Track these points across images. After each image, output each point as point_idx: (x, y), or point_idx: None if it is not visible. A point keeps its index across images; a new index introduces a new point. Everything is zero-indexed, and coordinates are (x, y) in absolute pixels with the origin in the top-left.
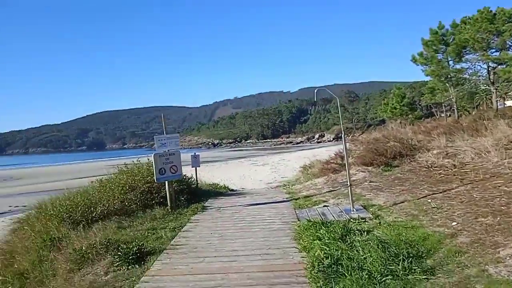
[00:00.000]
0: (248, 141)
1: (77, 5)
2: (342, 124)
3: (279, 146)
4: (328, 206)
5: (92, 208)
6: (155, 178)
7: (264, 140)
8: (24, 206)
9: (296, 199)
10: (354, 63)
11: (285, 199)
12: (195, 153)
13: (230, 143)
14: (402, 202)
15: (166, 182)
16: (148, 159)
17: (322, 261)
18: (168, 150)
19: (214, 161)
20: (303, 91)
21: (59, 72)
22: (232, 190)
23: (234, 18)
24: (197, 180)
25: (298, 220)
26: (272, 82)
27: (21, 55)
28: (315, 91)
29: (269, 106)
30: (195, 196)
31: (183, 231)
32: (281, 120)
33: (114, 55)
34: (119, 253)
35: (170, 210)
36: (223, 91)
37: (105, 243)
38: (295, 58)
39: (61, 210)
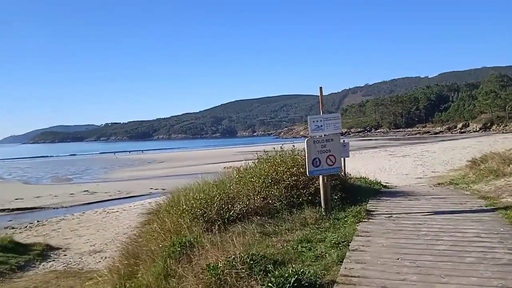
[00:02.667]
0: (379, 131)
1: None
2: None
3: (414, 136)
4: None
5: (229, 205)
6: (307, 170)
7: (397, 130)
8: (164, 189)
9: (504, 209)
10: (507, 43)
11: (482, 207)
12: (344, 140)
13: (359, 132)
14: None
15: (321, 177)
16: (293, 145)
17: None
18: (324, 135)
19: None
20: (444, 75)
21: (196, 64)
22: (386, 186)
23: None
24: (345, 173)
25: None
26: (408, 67)
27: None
28: None
29: (403, 92)
30: (349, 194)
31: (353, 251)
32: (417, 108)
33: (245, 48)
34: (269, 283)
35: (324, 214)
36: (353, 77)
37: (248, 260)
38: (434, 37)
39: (194, 205)
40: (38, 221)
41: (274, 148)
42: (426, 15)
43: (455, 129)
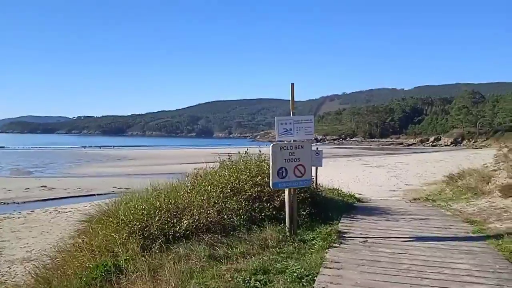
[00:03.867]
0: (354, 139)
1: None
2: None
3: (387, 146)
4: None
5: (176, 219)
6: (270, 182)
7: (371, 139)
8: (127, 188)
9: (495, 238)
10: (480, 61)
11: (470, 233)
12: (317, 148)
13: (334, 139)
14: None
15: (287, 191)
16: (260, 150)
17: None
18: (293, 141)
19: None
20: (419, 89)
21: (174, 62)
22: (360, 200)
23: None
24: (316, 185)
25: None
26: (385, 78)
27: (148, 47)
28: None
29: (380, 103)
30: (319, 209)
31: None
32: (392, 119)
33: (228, 49)
34: None
35: (288, 234)
36: (331, 85)
37: None
38: (411, 51)
39: (133, 217)
40: None
41: (239, 152)
42: (405, 32)
43: (427, 142)
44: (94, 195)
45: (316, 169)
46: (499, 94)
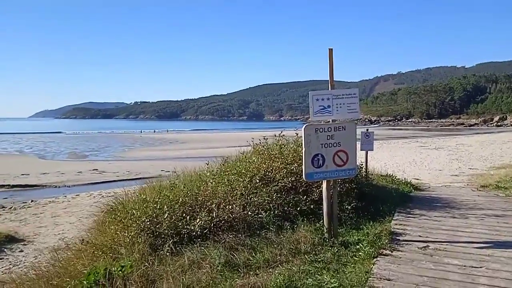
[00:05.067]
0: (410, 120)
1: None
2: None
3: (447, 127)
4: None
5: (190, 216)
6: (303, 173)
7: (429, 120)
8: (174, 172)
9: None
10: None
11: None
12: (367, 130)
13: (389, 121)
14: None
15: (324, 183)
16: (297, 133)
17: None
18: (333, 121)
19: (374, 139)
20: (481, 66)
21: (224, 49)
22: (418, 188)
23: None
24: (367, 172)
25: None
26: (444, 56)
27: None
28: None
29: (438, 82)
30: (368, 201)
31: None
32: (452, 98)
33: (276, 29)
34: None
35: (327, 236)
36: (385, 65)
37: None
38: (472, 26)
39: (141, 212)
40: (32, 201)
41: (275, 135)
42: (466, 3)
43: (491, 122)
44: (141, 178)
45: (366, 153)
46: None
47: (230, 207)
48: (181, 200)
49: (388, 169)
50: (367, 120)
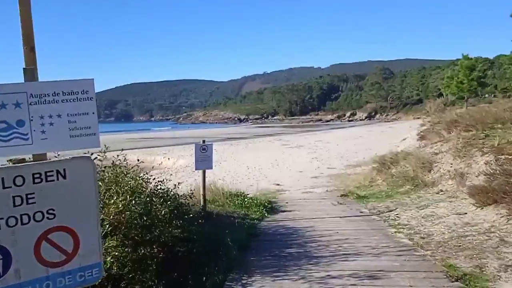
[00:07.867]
0: (275, 118)
1: None
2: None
3: (307, 123)
4: None
5: None
6: None
7: (292, 117)
8: None
9: None
10: (390, 39)
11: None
12: (203, 141)
13: (257, 119)
14: None
15: None
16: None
17: None
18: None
19: (240, 138)
20: (334, 67)
21: (85, 39)
22: (273, 208)
23: None
24: (205, 203)
25: None
26: (304, 57)
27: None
28: None
29: (299, 81)
30: (190, 261)
31: None
32: (311, 96)
33: (144, 27)
34: None
35: None
36: (252, 65)
37: None
38: (327, 32)
39: None
40: None
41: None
42: (318, 14)
43: (344, 118)
44: None
45: (204, 173)
46: (406, 70)
47: None
48: None
49: (250, 177)
50: (236, 118)
